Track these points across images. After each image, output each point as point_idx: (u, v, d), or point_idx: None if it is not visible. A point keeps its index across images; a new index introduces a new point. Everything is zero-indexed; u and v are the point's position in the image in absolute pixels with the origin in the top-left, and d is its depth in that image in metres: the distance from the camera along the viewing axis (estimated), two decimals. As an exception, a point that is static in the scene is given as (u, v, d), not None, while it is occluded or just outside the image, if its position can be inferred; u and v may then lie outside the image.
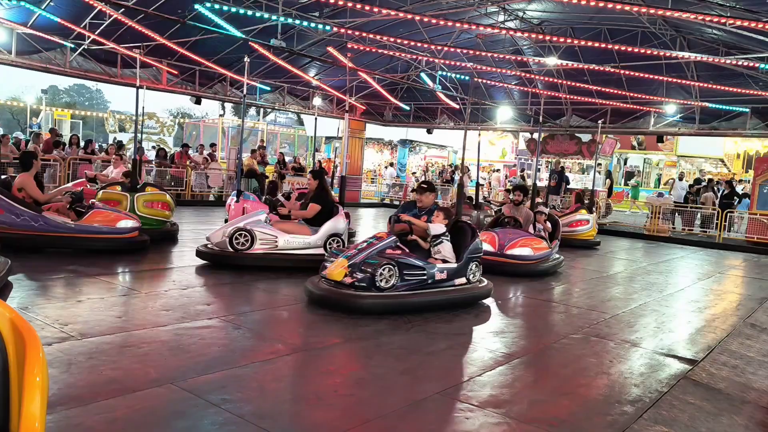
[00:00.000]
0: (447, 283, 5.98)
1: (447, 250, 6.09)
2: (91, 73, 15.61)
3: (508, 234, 8.60)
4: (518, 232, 8.69)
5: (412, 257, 5.78)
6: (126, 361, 3.94)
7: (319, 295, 5.67)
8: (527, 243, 8.45)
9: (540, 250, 8.51)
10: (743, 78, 15.24)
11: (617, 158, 30.13)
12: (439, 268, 5.91)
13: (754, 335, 6.10)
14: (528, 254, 8.36)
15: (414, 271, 5.71)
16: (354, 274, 5.53)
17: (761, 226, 14.68)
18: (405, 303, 5.66)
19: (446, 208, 6.34)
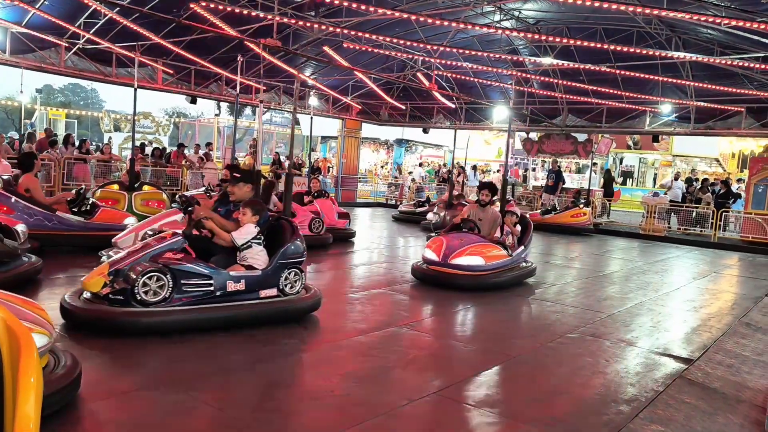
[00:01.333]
0: (248, 295, 4.87)
1: (255, 254, 5.06)
2: (86, 73, 15.55)
3: (458, 240, 7.37)
4: (472, 237, 7.46)
5: (195, 263, 4.65)
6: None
7: (68, 310, 4.44)
8: (478, 251, 7.22)
9: (495, 259, 7.29)
10: (738, 78, 15.29)
11: (613, 158, 30.21)
12: (235, 276, 4.81)
13: (749, 334, 6.12)
14: (477, 264, 7.15)
15: (196, 280, 4.58)
16: (114, 284, 4.44)
17: (756, 225, 14.73)
18: (181, 320, 4.50)
19: (255, 201, 5.31)
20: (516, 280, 7.69)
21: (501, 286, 7.31)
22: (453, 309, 6.29)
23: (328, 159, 27.13)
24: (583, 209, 16.01)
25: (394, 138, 30.97)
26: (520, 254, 7.90)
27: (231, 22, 13.96)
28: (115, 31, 14.21)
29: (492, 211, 7.94)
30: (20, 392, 1.38)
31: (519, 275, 7.80)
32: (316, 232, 9.92)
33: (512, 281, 7.59)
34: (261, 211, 5.15)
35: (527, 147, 23.03)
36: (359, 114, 22.94)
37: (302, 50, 16.75)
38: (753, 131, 17.00)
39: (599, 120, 19.19)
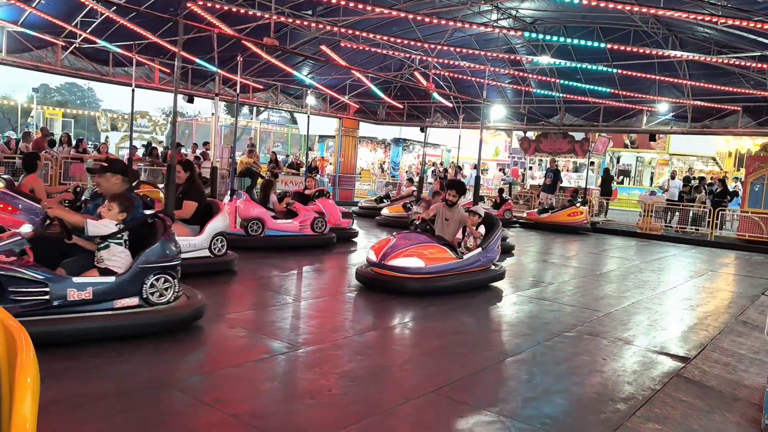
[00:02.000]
0: (98, 305, 4.21)
1: (113, 256, 4.40)
2: (83, 72, 15.51)
3: (406, 240, 6.93)
4: (421, 238, 6.99)
5: (27, 267, 3.96)
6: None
7: None
8: (418, 252, 6.68)
9: (437, 262, 6.72)
10: (735, 77, 15.32)
11: (610, 157, 30.24)
12: (79, 284, 4.12)
13: (745, 332, 6.13)
14: (415, 266, 6.58)
15: (26, 287, 3.92)
16: None
17: (753, 224, 14.77)
18: None
19: (124, 196, 4.65)
20: (469, 285, 7.03)
21: (446, 291, 6.73)
22: (452, 308, 6.29)
23: (325, 158, 27.12)
24: (580, 208, 16.16)
25: (392, 137, 30.96)
26: (478, 256, 7.15)
27: (228, 21, 13.94)
28: (111, 31, 14.17)
29: (459, 211, 7.50)
30: (17, 392, 1.37)
31: (475, 280, 7.15)
32: (319, 232, 9.86)
33: (464, 286, 6.96)
34: (129, 208, 4.51)
35: (524, 146, 23.04)
36: (356, 113, 22.93)
37: (299, 49, 16.73)
38: (749, 130, 17.04)
39: (596, 119, 19.22)
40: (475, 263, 7.14)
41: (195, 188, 6.98)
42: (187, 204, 6.80)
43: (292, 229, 9.57)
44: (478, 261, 7.19)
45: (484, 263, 7.32)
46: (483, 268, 7.33)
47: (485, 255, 7.28)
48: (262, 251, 8.90)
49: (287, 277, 7.64)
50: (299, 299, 6.30)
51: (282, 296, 6.29)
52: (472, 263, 7.08)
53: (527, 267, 9.89)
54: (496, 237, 7.50)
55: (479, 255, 7.18)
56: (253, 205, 9.33)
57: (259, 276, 7.50)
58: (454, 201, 7.45)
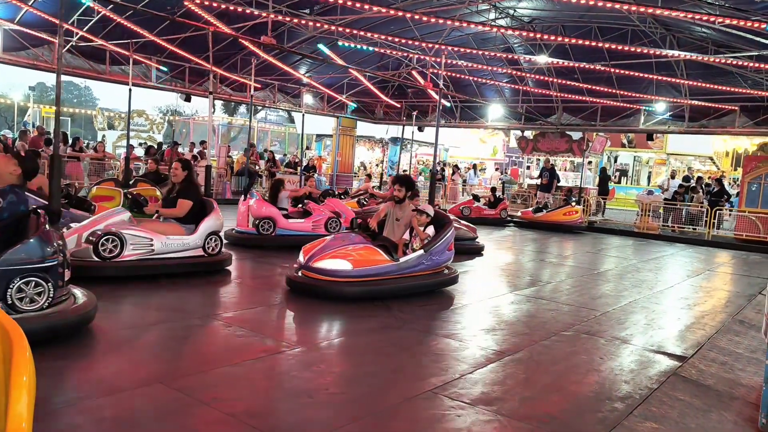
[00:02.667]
0: None
1: None
2: (80, 70, 15.47)
3: (340, 240, 6.43)
4: (356, 238, 6.45)
5: None
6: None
7: None
8: (346, 253, 6.12)
9: (368, 264, 6.12)
10: (732, 76, 15.35)
11: (608, 156, 30.29)
12: None
13: (742, 332, 6.14)
14: (341, 269, 6.00)
15: None
16: None
17: (750, 223, 14.80)
18: None
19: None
20: (410, 290, 6.44)
21: (379, 297, 6.13)
22: (449, 307, 6.29)
23: (322, 157, 27.10)
24: (575, 207, 16.21)
25: (390, 136, 30.96)
26: (419, 260, 6.52)
27: (225, 20, 13.92)
28: (108, 29, 14.15)
29: (408, 210, 6.83)
30: (12, 391, 1.36)
31: (418, 284, 6.54)
32: (334, 232, 9.80)
33: (404, 290, 6.39)
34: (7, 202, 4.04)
35: (522, 145, 23.06)
36: (354, 112, 22.92)
37: (297, 48, 16.71)
38: (747, 130, 17.08)
39: (594, 118, 19.25)
40: (416, 267, 6.51)
41: (192, 187, 6.92)
42: (182, 203, 6.74)
43: (305, 228, 9.50)
44: (420, 264, 6.54)
45: (430, 267, 6.68)
46: (428, 272, 6.69)
47: (429, 258, 6.63)
48: (274, 250, 8.93)
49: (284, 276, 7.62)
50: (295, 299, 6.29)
51: (278, 295, 6.28)
52: (411, 267, 6.45)
53: (525, 266, 9.90)
54: (445, 239, 6.81)
55: (421, 258, 6.53)
56: (265, 204, 9.37)
57: (256, 275, 7.48)
58: (401, 197, 6.77)
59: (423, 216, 6.89)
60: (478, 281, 8.25)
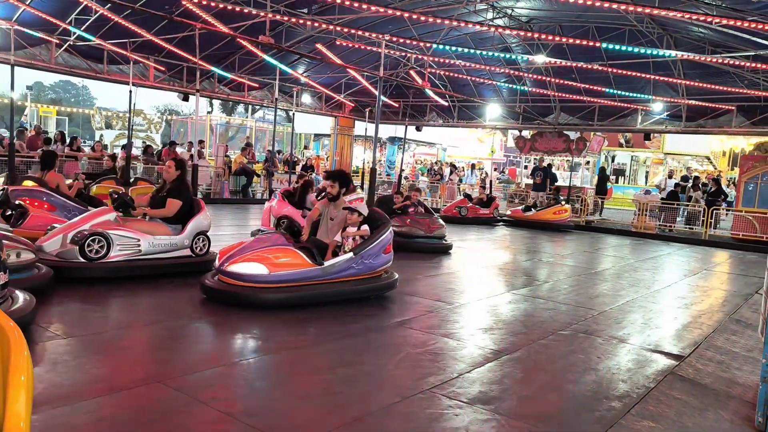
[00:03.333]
0: None
1: None
2: (78, 70, 15.45)
3: (260, 242, 5.83)
4: (279, 239, 5.85)
5: None
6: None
7: None
8: (262, 256, 5.50)
9: (287, 268, 5.51)
10: (729, 76, 15.38)
11: (605, 156, 30.34)
12: None
13: (739, 331, 6.16)
14: (256, 274, 5.41)
15: None
16: None
17: (746, 223, 14.84)
18: None
19: None
20: (338, 296, 5.88)
21: (302, 304, 5.58)
22: (446, 306, 6.30)
23: (320, 157, 27.09)
24: (564, 206, 16.34)
25: (387, 136, 30.97)
26: (348, 264, 5.91)
27: (223, 19, 13.91)
28: (106, 28, 14.13)
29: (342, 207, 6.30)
30: (10, 390, 1.37)
31: (348, 290, 5.98)
32: None
33: (331, 297, 5.82)
34: None
35: (520, 145, 23.08)
36: (352, 112, 22.91)
37: (295, 48, 16.70)
38: (743, 129, 17.12)
39: (591, 118, 19.27)
40: (345, 271, 5.91)
41: (183, 187, 6.79)
42: (171, 202, 6.61)
43: None
44: (350, 269, 5.94)
45: (362, 271, 6.06)
46: (360, 277, 6.08)
47: (361, 262, 6.00)
48: None
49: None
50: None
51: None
52: (339, 271, 5.85)
53: (522, 265, 9.91)
54: (380, 241, 6.15)
55: (350, 262, 5.92)
56: (284, 204, 9.49)
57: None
58: (334, 194, 6.28)
59: (354, 215, 6.15)
60: (474, 280, 8.26)
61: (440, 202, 21.76)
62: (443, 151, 34.45)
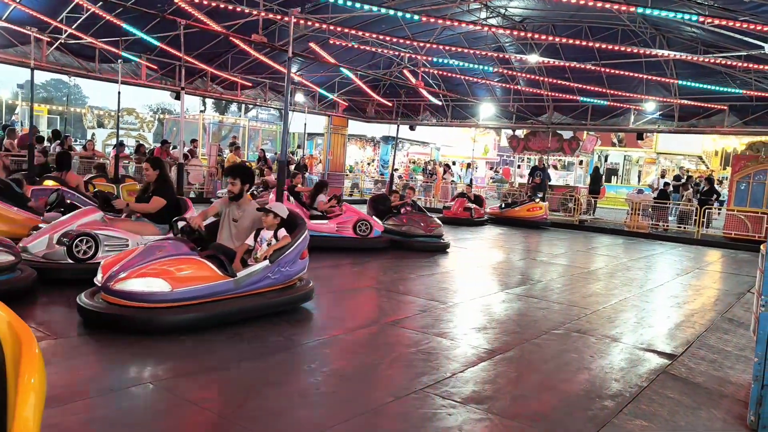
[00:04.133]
0: None
1: None
2: (69, 68, 15.35)
3: (151, 252, 4.84)
4: (178, 248, 4.92)
5: None
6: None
7: None
8: (161, 270, 4.58)
9: (193, 283, 4.64)
10: (721, 76, 15.45)
11: (598, 155, 30.43)
12: None
13: (731, 330, 6.19)
14: (155, 291, 4.46)
15: None
16: None
17: (738, 222, 14.91)
18: None
19: None
20: (252, 313, 5.06)
21: (210, 325, 4.69)
22: (439, 306, 6.29)
23: (314, 156, 27.04)
24: (539, 203, 16.58)
25: (381, 135, 30.96)
26: (264, 272, 5.14)
27: (216, 18, 13.84)
28: (98, 26, 14.03)
29: (251, 209, 5.54)
30: (20, 394, 1.35)
31: (264, 304, 5.16)
32: (363, 235, 9.60)
33: (247, 312, 5.01)
34: None
35: (513, 144, 23.11)
36: (346, 111, 22.88)
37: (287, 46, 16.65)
38: (735, 129, 17.21)
39: (584, 117, 19.31)
40: (261, 282, 5.15)
41: (166, 186, 6.62)
42: (155, 200, 6.46)
43: (328, 230, 9.43)
44: (266, 279, 5.18)
45: (279, 281, 5.34)
46: (278, 287, 5.36)
47: (278, 270, 5.28)
48: None
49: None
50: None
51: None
52: (255, 282, 5.09)
53: (515, 264, 9.92)
54: (296, 245, 5.46)
55: (266, 271, 5.16)
56: (289, 204, 9.44)
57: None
58: (236, 192, 5.49)
59: (269, 216, 5.33)
60: (468, 280, 8.26)
61: (434, 202, 21.78)
62: (437, 150, 34.46)
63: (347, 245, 9.47)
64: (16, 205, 6.72)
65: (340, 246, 9.42)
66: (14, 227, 6.38)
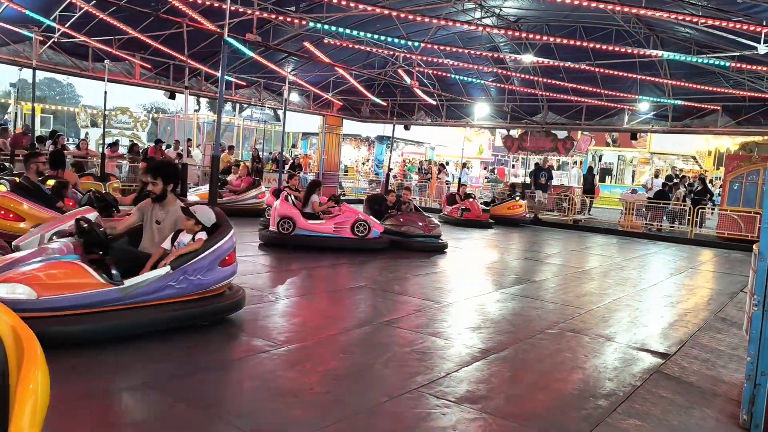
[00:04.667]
0: None
1: None
2: (62, 67, 15.27)
3: (36, 254, 4.36)
4: (60, 249, 4.37)
5: None
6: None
7: None
8: (28, 275, 4.03)
9: (63, 291, 4.04)
10: (714, 76, 15.51)
11: (592, 155, 30.51)
12: None
13: (724, 329, 6.21)
14: (15, 300, 3.83)
15: None
16: None
17: (731, 221, 14.97)
18: None
19: None
20: (146, 328, 4.40)
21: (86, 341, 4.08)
22: (434, 305, 6.29)
23: (308, 155, 27.01)
24: (519, 201, 17.06)
25: (376, 135, 30.95)
26: (164, 281, 4.49)
27: (210, 17, 13.79)
28: (91, 25, 13.97)
29: (174, 209, 5.00)
30: (17, 403, 1.33)
31: (158, 320, 4.47)
32: (361, 236, 9.53)
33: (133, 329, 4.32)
34: None
35: (508, 144, 23.17)
36: (340, 110, 22.86)
37: (283, 46, 16.62)
38: (729, 129, 17.28)
39: (579, 117, 19.36)
40: (160, 292, 4.50)
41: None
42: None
43: (325, 230, 9.41)
44: (166, 289, 4.52)
45: (186, 291, 4.66)
46: (186, 297, 4.68)
47: (185, 279, 4.61)
48: (290, 250, 9.09)
49: (265, 276, 7.59)
50: (282, 297, 6.26)
51: (263, 296, 6.24)
52: (151, 292, 4.44)
53: (510, 264, 9.93)
54: (212, 251, 4.79)
55: (167, 279, 4.50)
56: (286, 204, 9.47)
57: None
58: (157, 192, 4.96)
59: (191, 221, 4.81)
60: (463, 279, 8.26)
61: (429, 201, 21.79)
62: (431, 150, 34.46)
63: (345, 246, 9.43)
64: (45, 205, 6.98)
65: (338, 246, 9.39)
66: None
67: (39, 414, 1.35)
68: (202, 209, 4.99)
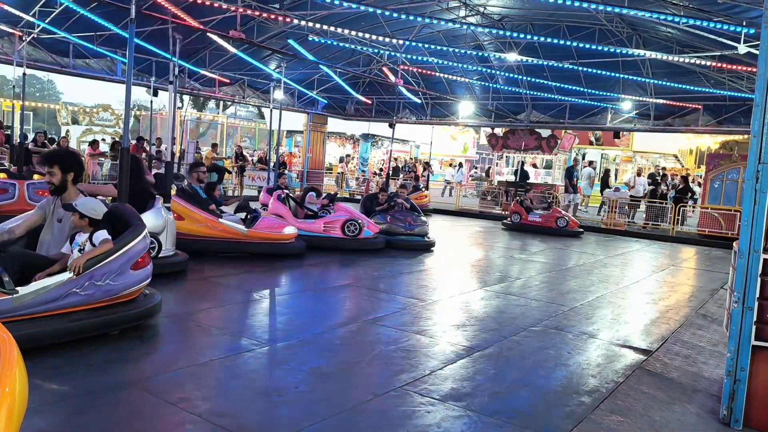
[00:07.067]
0: None
1: None
2: (42, 63, 15.05)
3: None
4: None
5: None
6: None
7: None
8: None
9: None
10: (696, 76, 15.69)
11: (575, 153, 30.70)
12: None
13: (705, 325, 6.29)
14: None
15: None
16: None
17: (712, 219, 15.17)
18: None
19: None
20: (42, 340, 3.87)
21: None
22: (419, 303, 6.30)
23: (293, 153, 26.91)
24: (425, 192, 19.01)
25: (360, 133, 30.90)
26: (65, 288, 4.02)
27: (193, 13, 13.67)
28: (71, 21, 13.79)
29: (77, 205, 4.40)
30: None
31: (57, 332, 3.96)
32: (352, 235, 9.41)
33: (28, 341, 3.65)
34: None
35: (492, 142, 23.23)
36: (325, 108, 22.79)
37: (267, 43, 16.53)
38: (710, 128, 17.49)
39: (563, 116, 19.48)
40: (62, 300, 4.02)
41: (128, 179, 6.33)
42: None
43: (314, 229, 9.31)
44: (72, 296, 4.07)
45: (95, 297, 4.21)
46: (93, 305, 4.22)
47: (91, 284, 4.16)
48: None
49: (250, 276, 7.54)
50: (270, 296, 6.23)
51: (249, 294, 6.21)
52: (51, 300, 3.96)
53: (494, 262, 9.97)
54: (121, 253, 4.35)
55: (70, 285, 4.05)
56: (277, 204, 9.39)
57: (226, 273, 7.40)
58: (56, 183, 4.48)
59: (84, 220, 4.31)
60: (448, 277, 8.28)
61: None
62: (416, 148, 34.50)
63: (337, 246, 9.31)
64: (200, 208, 7.99)
65: (330, 246, 9.28)
66: (197, 226, 7.85)
67: (16, 417, 1.32)
68: (86, 200, 4.41)
